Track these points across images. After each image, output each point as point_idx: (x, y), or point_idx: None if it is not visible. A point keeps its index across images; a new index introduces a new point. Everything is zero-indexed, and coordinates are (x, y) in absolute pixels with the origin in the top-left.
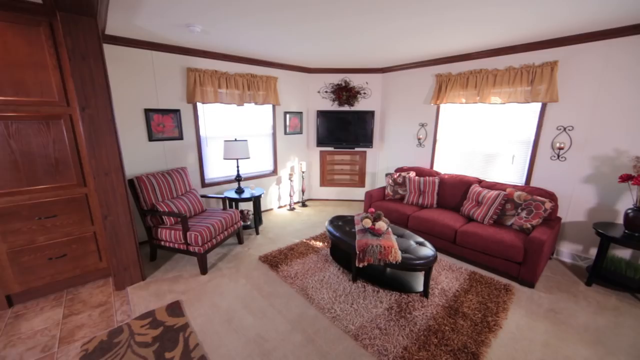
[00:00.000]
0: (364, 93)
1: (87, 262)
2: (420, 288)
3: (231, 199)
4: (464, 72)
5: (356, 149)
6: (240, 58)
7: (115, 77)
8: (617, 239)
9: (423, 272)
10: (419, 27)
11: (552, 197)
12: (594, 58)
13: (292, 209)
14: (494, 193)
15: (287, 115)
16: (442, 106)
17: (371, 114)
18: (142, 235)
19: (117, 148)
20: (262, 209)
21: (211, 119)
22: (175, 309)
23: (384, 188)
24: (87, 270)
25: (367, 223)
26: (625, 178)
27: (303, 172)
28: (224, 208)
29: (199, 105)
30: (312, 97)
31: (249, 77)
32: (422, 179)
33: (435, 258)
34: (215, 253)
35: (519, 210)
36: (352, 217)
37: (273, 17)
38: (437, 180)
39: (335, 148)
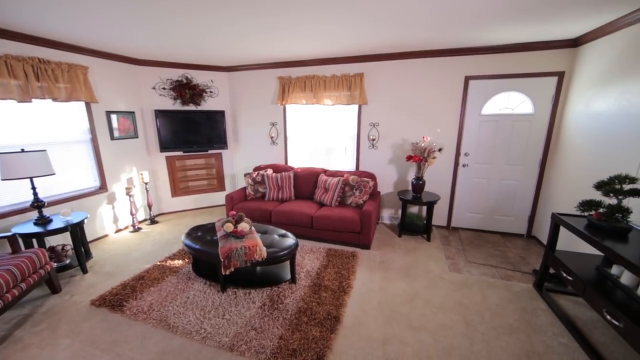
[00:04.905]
0: (211, 92)
1: None
2: (289, 276)
3: (28, 235)
4: (301, 77)
5: (210, 152)
6: (15, 34)
7: None
8: (410, 200)
9: (289, 261)
10: (259, 29)
11: (373, 177)
12: (384, 73)
13: (137, 230)
14: (335, 179)
15: (113, 116)
16: (287, 106)
17: (221, 113)
18: None
19: None
20: (90, 238)
21: None
22: None
23: (244, 188)
24: None
25: (229, 227)
26: (409, 158)
27: (146, 183)
28: (15, 251)
29: None
30: (146, 94)
31: (36, 63)
32: (279, 175)
33: (296, 246)
34: (6, 320)
35: (354, 191)
36: (213, 224)
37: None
38: (292, 175)
39: (185, 152)
